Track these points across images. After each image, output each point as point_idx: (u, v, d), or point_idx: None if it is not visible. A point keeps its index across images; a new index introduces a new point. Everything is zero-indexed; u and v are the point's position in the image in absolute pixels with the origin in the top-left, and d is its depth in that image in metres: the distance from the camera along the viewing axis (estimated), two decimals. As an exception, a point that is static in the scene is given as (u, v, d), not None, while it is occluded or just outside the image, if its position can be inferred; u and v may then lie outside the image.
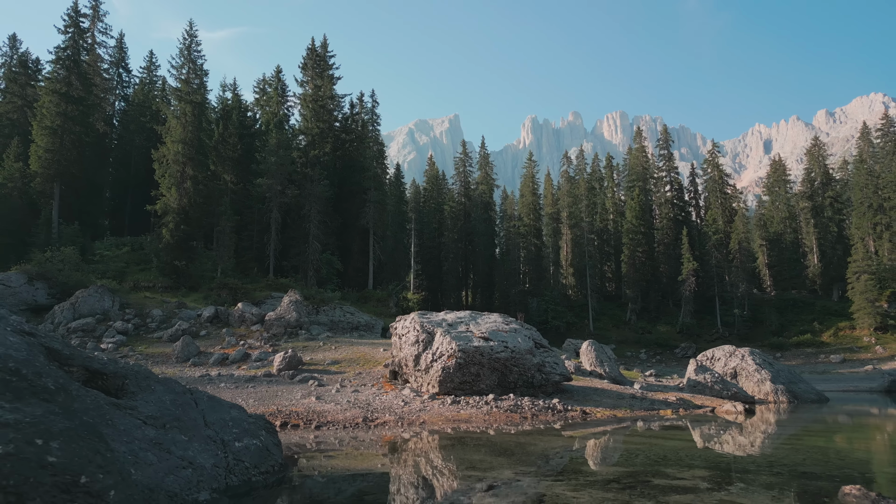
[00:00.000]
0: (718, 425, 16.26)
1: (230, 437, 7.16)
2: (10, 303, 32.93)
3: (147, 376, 6.90)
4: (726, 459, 9.69)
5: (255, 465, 7.08)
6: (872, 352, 62.54)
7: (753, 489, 6.82)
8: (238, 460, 6.86)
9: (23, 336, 5.38)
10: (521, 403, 18.81)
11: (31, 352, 4.96)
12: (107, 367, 6.29)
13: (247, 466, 6.93)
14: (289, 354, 25.66)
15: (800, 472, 8.28)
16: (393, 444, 11.89)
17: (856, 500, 5.88)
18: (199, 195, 43.28)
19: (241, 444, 7.17)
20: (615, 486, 7.38)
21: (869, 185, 77.75)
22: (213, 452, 6.56)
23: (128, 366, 6.87)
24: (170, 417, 6.41)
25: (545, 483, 7.39)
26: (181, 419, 6.60)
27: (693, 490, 6.76)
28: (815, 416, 21.57)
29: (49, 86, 46.79)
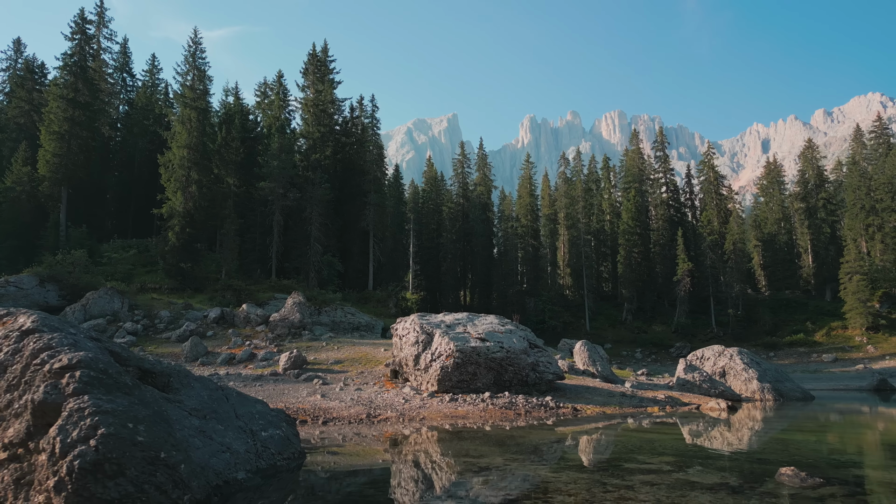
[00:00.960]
0: (700, 421, 17.34)
1: (257, 427, 8.26)
2: (23, 304, 33.97)
3: (187, 374, 8.00)
4: (694, 449, 10.81)
5: (279, 451, 8.18)
6: (864, 351, 63.35)
7: (708, 471, 7.95)
8: (265, 447, 7.96)
9: (94, 342, 6.48)
10: (515, 401, 19.89)
11: (105, 355, 6.05)
12: (155, 366, 7.38)
13: (272, 453, 8.02)
14: (294, 354, 26.75)
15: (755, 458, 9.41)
16: (394, 439, 12.98)
17: (787, 479, 7.01)
18: (204, 199, 44.39)
19: (267, 434, 8.27)
20: (591, 468, 8.52)
21: (861, 187, 78.85)
22: (244, 440, 7.65)
23: (171, 365, 7.96)
24: (208, 410, 7.51)
25: (531, 467, 8.51)
26: (217, 411, 7.70)
27: (656, 472, 7.88)
28: (793, 412, 22.66)
29: (57, 91, 47.89)
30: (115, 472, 4.88)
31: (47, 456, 4.90)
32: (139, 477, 4.99)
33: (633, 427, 14.99)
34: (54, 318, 6.72)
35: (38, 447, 5.06)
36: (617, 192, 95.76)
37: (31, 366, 5.60)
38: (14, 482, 5.00)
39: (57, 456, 4.86)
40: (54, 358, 5.57)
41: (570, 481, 7.42)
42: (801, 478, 6.91)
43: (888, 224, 76.13)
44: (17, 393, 5.50)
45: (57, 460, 4.84)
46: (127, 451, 5.01)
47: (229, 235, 44.14)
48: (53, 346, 5.81)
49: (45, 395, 5.21)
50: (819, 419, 20.18)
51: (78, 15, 50.90)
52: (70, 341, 5.99)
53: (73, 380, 5.33)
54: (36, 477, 4.94)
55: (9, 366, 5.72)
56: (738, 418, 19.26)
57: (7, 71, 70.48)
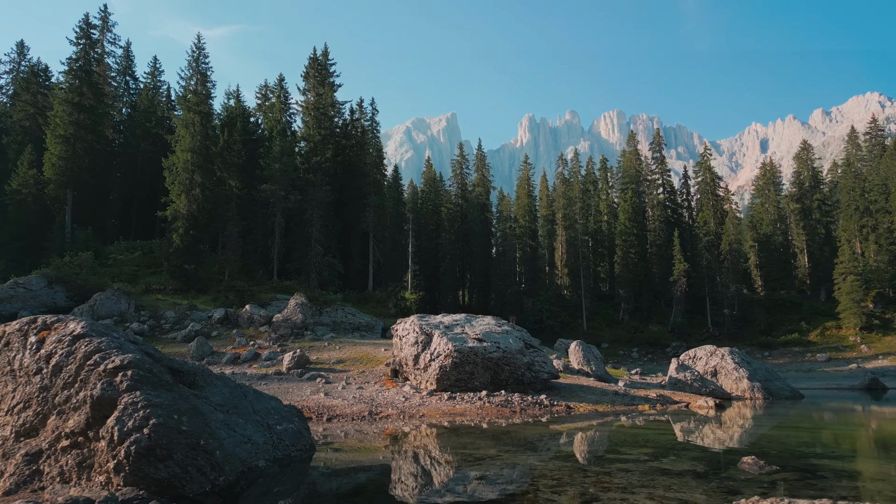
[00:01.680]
0: (687, 418, 18.17)
1: (273, 421, 9.10)
2: (31, 305, 34.85)
3: (209, 373, 8.83)
4: (674, 442, 11.68)
5: (293, 443, 9.02)
6: (857, 351, 64.15)
7: (680, 460, 8.81)
8: (280, 439, 8.80)
9: (133, 344, 7.33)
10: (511, 399, 20.76)
11: (144, 356, 6.90)
12: (183, 366, 8.21)
13: (287, 444, 8.86)
14: (297, 354, 27.59)
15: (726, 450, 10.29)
16: (396, 435, 13.83)
17: (748, 466, 7.88)
18: (207, 201, 45.28)
19: (282, 428, 9.11)
20: (576, 458, 9.41)
21: (856, 188, 79.82)
22: (262, 433, 8.49)
23: (195, 365, 8.79)
24: (230, 405, 8.35)
25: (521, 457, 9.36)
26: (237, 406, 8.54)
27: (634, 461, 8.74)
28: (780, 410, 23.49)
29: (62, 96, 48.75)
30: (164, 455, 5.74)
31: (106, 443, 5.75)
32: (184, 460, 5.85)
33: (622, 424, 15.84)
34: (99, 324, 7.56)
35: (98, 435, 5.91)
36: (614, 192, 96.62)
37: (85, 366, 6.45)
38: (77, 465, 5.87)
39: (115, 442, 5.71)
40: (107, 359, 6.43)
41: (556, 469, 8.27)
42: (759, 465, 7.77)
43: (882, 225, 77.02)
44: (74, 389, 6.35)
45: (115, 446, 5.69)
46: (174, 438, 5.87)
47: (232, 237, 45.01)
48: (103, 348, 6.66)
49: (103, 391, 6.06)
50: (801, 416, 21.02)
51: (83, 20, 51.84)
52: (116, 344, 6.85)
53: (126, 378, 6.18)
54: (96, 460, 5.80)
55: (64, 366, 6.57)
56: (724, 416, 20.09)
57: (11, 73, 71.36)
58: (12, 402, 6.64)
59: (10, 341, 7.22)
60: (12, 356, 6.99)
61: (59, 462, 5.92)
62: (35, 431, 6.31)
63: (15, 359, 6.94)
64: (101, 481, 5.64)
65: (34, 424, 6.35)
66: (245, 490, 6.71)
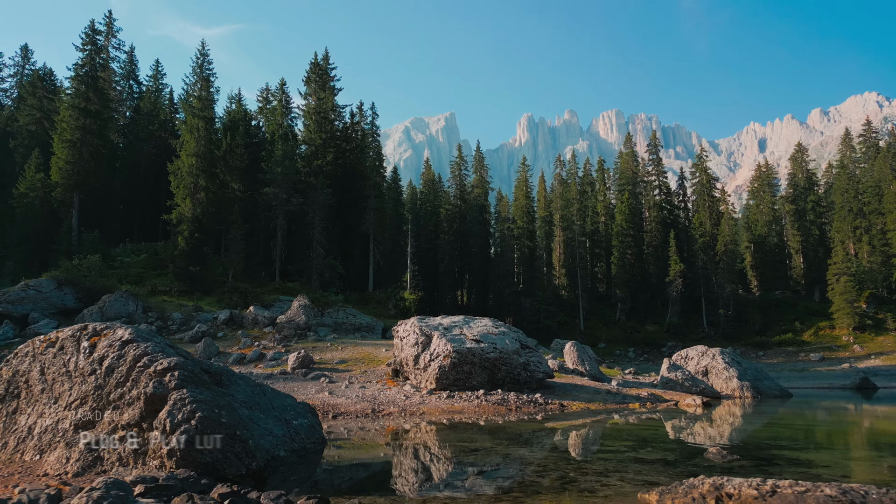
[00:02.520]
0: (673, 415, 19.18)
1: (290, 416, 10.12)
2: (42, 307, 35.85)
3: (233, 374, 9.84)
4: (654, 435, 12.71)
5: (307, 436, 10.04)
6: (850, 350, 64.88)
7: (655, 451, 9.84)
8: (297, 433, 9.81)
9: (172, 348, 8.36)
10: (507, 397, 21.78)
11: (184, 358, 7.93)
12: (211, 367, 9.20)
13: (302, 437, 9.88)
14: (301, 355, 28.59)
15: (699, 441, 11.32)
16: (398, 432, 14.84)
17: (712, 455, 8.91)
18: (212, 205, 46.29)
19: (297, 422, 10.13)
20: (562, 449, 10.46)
21: (850, 190, 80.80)
22: (281, 426, 9.51)
23: (220, 366, 9.79)
24: (253, 402, 9.37)
25: (513, 448, 10.39)
26: (259, 403, 9.56)
27: (614, 451, 9.78)
28: (766, 408, 24.54)
29: (69, 101, 49.74)
30: (208, 443, 6.76)
31: (160, 432, 6.78)
32: (226, 448, 6.88)
33: (611, 420, 16.86)
34: (143, 331, 8.58)
35: (151, 426, 6.94)
36: (611, 194, 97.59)
37: (135, 367, 7.46)
38: (133, 451, 6.89)
39: (168, 432, 6.73)
40: (155, 362, 7.45)
41: (543, 458, 9.30)
42: (722, 455, 8.80)
43: (875, 226, 77.90)
44: (127, 388, 7.36)
45: (168, 435, 6.72)
46: (216, 428, 6.89)
47: (236, 240, 45.96)
48: (149, 352, 7.68)
49: (154, 388, 7.07)
50: (783, 414, 22.03)
51: (89, 27, 52.79)
52: (160, 349, 7.87)
53: (174, 378, 7.20)
54: (150, 447, 6.82)
55: (115, 368, 7.58)
56: (710, 413, 21.10)
57: (15, 77, 72.31)
58: (69, 398, 7.66)
59: (63, 346, 8.23)
60: (67, 359, 8.01)
61: (117, 449, 6.96)
62: (92, 424, 7.33)
63: (70, 361, 7.95)
64: (155, 465, 6.67)
65: (91, 418, 7.37)
66: (270, 475, 7.72)
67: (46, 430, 7.53)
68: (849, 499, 5.20)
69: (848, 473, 7.80)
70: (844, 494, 5.25)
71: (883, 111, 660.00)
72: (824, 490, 5.31)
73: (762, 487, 5.42)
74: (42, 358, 8.23)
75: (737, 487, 5.53)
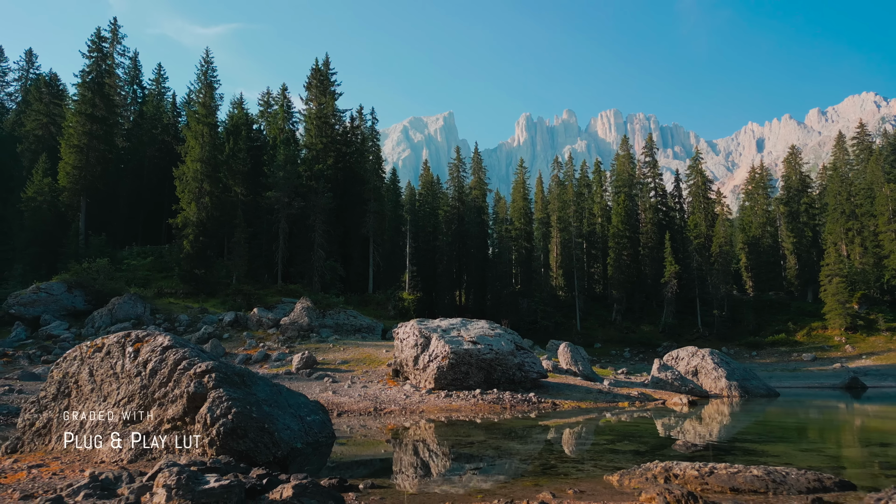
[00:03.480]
0: (659, 413, 20.34)
1: (303, 413, 11.28)
2: (53, 309, 37.00)
3: (253, 374, 10.99)
4: (635, 430, 13.90)
5: (319, 431, 11.20)
6: (842, 350, 65.87)
7: (631, 443, 11.03)
8: (310, 428, 10.97)
9: (204, 353, 9.53)
10: (502, 396, 22.97)
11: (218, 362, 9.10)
12: (235, 369, 10.37)
13: (315, 432, 11.04)
14: (305, 356, 29.76)
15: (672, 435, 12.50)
16: (398, 429, 16.02)
17: (678, 447, 10.09)
18: (216, 209, 47.50)
19: (311, 419, 11.29)
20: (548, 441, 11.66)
21: (842, 192, 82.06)
22: (296, 422, 10.67)
23: (243, 368, 10.96)
24: (272, 400, 10.52)
25: (504, 441, 11.57)
26: (277, 401, 10.72)
27: (594, 443, 10.97)
28: (751, 407, 25.69)
29: (76, 107, 50.95)
30: (242, 434, 7.95)
31: (201, 425, 7.95)
32: (255, 438, 8.06)
33: (599, 418, 18.05)
34: (179, 338, 9.75)
35: (193, 420, 8.11)
36: (608, 195, 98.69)
37: (176, 370, 8.64)
38: (178, 442, 8.06)
39: (208, 425, 7.91)
40: (194, 365, 8.63)
41: (529, 448, 10.50)
42: (687, 446, 9.98)
43: (867, 228, 79.03)
44: (169, 387, 8.53)
45: (208, 428, 7.89)
46: (248, 423, 8.08)
47: (240, 244, 47.12)
48: (188, 357, 8.86)
49: (196, 388, 8.24)
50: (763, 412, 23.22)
51: (95, 34, 54.02)
52: (196, 353, 9.06)
53: (211, 379, 8.37)
54: (192, 437, 7.99)
55: (158, 370, 8.75)
56: (693, 412, 22.26)
57: (19, 81, 73.44)
58: (118, 396, 8.83)
59: (109, 351, 9.39)
60: (114, 362, 9.18)
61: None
62: (139, 419, 8.50)
63: (116, 364, 9.12)
64: (197, 453, 7.84)
65: (138, 413, 8.54)
66: (290, 463, 8.89)
67: (98, 425, 8.69)
68: (771, 478, 6.38)
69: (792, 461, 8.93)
70: (769, 474, 6.44)
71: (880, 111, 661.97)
72: (753, 471, 6.49)
73: (702, 469, 6.61)
74: (90, 361, 9.39)
75: (682, 469, 6.71)
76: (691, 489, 6.03)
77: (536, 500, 6.19)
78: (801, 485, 6.29)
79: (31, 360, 30.15)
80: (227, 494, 5.31)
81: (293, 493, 5.59)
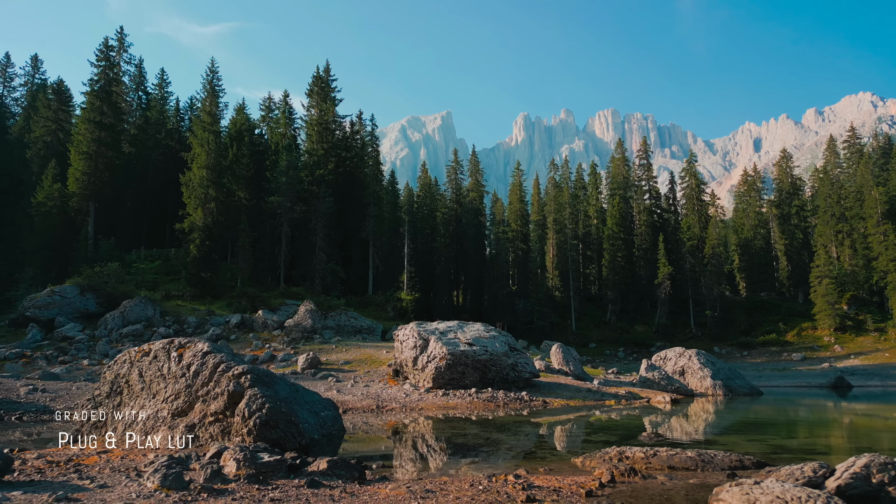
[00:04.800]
0: (642, 410, 21.99)
1: (318, 409, 12.89)
2: (67, 311, 38.58)
3: (274, 375, 12.58)
4: (612, 424, 15.53)
5: (332, 425, 12.80)
6: (831, 350, 67.25)
7: (605, 435, 12.65)
8: (325, 422, 12.58)
9: (235, 356, 11.15)
10: (496, 395, 24.58)
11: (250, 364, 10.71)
12: (259, 370, 11.98)
13: (329, 425, 12.64)
14: (310, 356, 31.38)
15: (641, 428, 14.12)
16: (399, 425, 17.62)
17: (643, 437, 11.71)
18: (221, 214, 49.11)
19: (324, 414, 12.89)
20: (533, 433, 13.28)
21: (832, 195, 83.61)
22: (312, 416, 12.27)
23: (265, 370, 12.57)
24: (291, 397, 12.12)
25: (495, 433, 13.20)
26: (295, 398, 12.31)
27: (574, 435, 12.62)
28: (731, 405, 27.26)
29: (85, 115, 52.50)
30: (274, 426, 9.57)
31: (240, 418, 9.57)
32: (284, 429, 9.68)
33: (585, 415, 19.67)
34: (215, 344, 11.38)
35: (233, 413, 9.73)
36: (603, 197, 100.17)
37: (216, 372, 10.26)
38: (220, 431, 9.68)
39: (246, 418, 9.53)
40: (232, 367, 10.26)
41: (515, 440, 12.13)
42: (650, 437, 11.59)
43: (857, 231, 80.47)
44: (210, 386, 10.15)
45: (246, 420, 9.51)
46: (279, 416, 9.70)
47: (244, 248, 48.71)
48: (225, 360, 10.48)
49: (235, 387, 9.86)
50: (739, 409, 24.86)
51: (103, 44, 55.64)
52: (231, 357, 10.70)
53: (247, 379, 10.00)
54: (233, 429, 9.60)
55: (200, 372, 10.37)
56: (674, 409, 23.87)
57: (25, 86, 74.88)
58: (166, 394, 10.45)
59: (157, 355, 11.01)
60: (161, 365, 10.79)
61: (209, 430, 9.75)
62: (184, 413, 10.12)
63: (164, 367, 10.73)
64: (237, 441, 9.44)
65: (183, 408, 10.15)
66: (311, 451, 10.51)
67: (149, 418, 10.30)
68: (702, 458, 8.01)
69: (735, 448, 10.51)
70: (700, 456, 8.06)
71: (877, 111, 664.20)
72: (688, 454, 8.11)
73: (648, 452, 8.23)
74: (139, 364, 11.00)
75: (633, 453, 8.34)
76: (637, 467, 7.62)
77: (513, 473, 7.81)
78: (725, 464, 7.90)
79: (48, 361, 31.69)
80: (279, 465, 6.95)
81: (327, 466, 7.24)
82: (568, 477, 7.60)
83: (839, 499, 5.51)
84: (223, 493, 6.21)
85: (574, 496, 6.59)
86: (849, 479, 5.86)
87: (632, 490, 6.78)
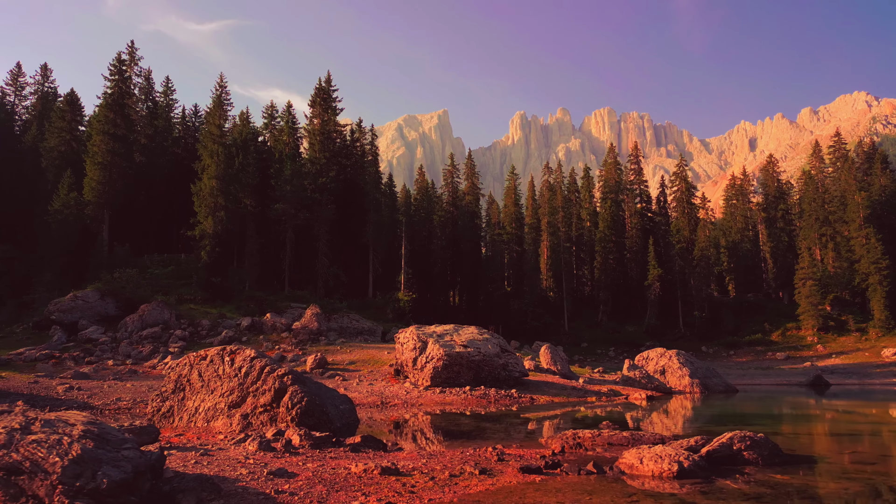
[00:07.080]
0: (619, 406, 24.72)
1: (337, 403, 15.60)
2: (88, 315, 41.27)
3: (302, 375, 15.33)
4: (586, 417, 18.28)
5: (349, 416, 15.52)
6: (814, 350, 69.59)
7: (575, 425, 15.42)
8: (343, 414, 15.28)
9: (275, 360, 13.90)
10: (488, 392, 27.35)
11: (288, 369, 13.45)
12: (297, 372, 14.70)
13: (346, 416, 15.35)
14: (318, 357, 34.12)
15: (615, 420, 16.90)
16: (400, 420, 20.37)
17: (604, 426, 14.44)
18: (229, 221, 51.79)
19: (342, 407, 15.62)
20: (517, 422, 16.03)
21: (817, 199, 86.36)
22: (334, 409, 14.99)
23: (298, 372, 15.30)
24: (316, 393, 14.83)
25: (483, 424, 15.96)
26: (320, 394, 15.02)
27: (552, 426, 15.34)
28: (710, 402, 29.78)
29: (99, 127, 55.17)
30: (311, 414, 12.34)
31: (285, 409, 12.31)
32: (318, 417, 12.44)
33: (567, 409, 22.45)
34: (260, 351, 14.13)
35: (279, 405, 12.48)
36: (596, 200, 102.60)
37: (263, 372, 13.01)
38: (269, 419, 12.43)
39: (289, 408, 12.28)
40: (276, 370, 13.01)
41: (500, 428, 14.88)
42: (609, 427, 14.31)
43: (840, 234, 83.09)
44: (259, 384, 12.91)
45: (290, 410, 12.26)
46: (314, 407, 12.46)
47: (252, 253, 51.40)
48: (267, 363, 13.25)
49: (280, 385, 12.61)
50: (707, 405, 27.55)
51: (116, 58, 58.37)
52: (273, 361, 13.45)
53: (289, 378, 12.76)
54: (279, 416, 12.34)
55: (249, 372, 13.11)
56: (649, 406, 26.54)
57: (35, 94, 77.37)
58: (222, 390, 13.20)
59: (212, 360, 13.76)
60: (216, 367, 13.54)
61: (259, 419, 12.51)
62: (238, 405, 12.86)
63: (219, 368, 13.48)
64: (282, 426, 12.19)
65: (237, 401, 12.90)
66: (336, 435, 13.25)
67: (209, 409, 13.04)
68: (633, 437, 10.80)
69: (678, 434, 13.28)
70: (632, 434, 10.84)
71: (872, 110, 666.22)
72: (623, 434, 10.89)
73: (594, 433, 11.03)
74: (198, 366, 13.75)
75: (582, 434, 11.12)
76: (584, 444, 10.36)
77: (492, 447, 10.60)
78: (649, 440, 10.64)
79: (76, 362, 34.33)
80: (327, 439, 9.81)
81: (361, 441, 10.09)
82: (532, 450, 10.35)
83: (704, 459, 8.25)
84: (297, 453, 9.09)
85: (532, 459, 9.36)
86: (717, 446, 8.57)
87: (576, 457, 9.48)
